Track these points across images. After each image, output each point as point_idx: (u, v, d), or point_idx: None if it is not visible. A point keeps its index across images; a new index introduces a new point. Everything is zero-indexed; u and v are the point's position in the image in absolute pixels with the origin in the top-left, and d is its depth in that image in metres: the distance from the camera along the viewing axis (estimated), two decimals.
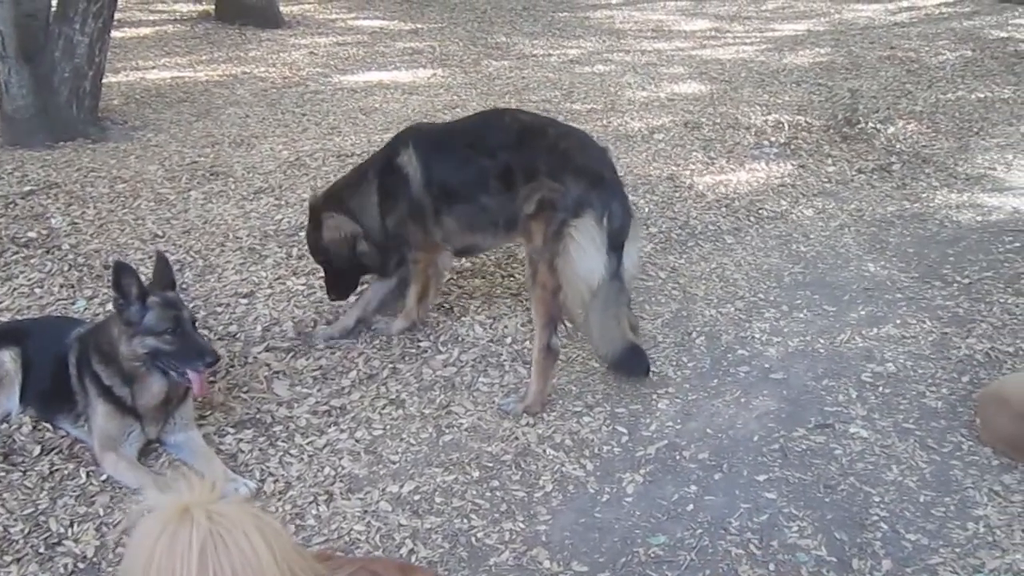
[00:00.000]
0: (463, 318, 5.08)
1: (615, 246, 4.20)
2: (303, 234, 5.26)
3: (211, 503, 1.80)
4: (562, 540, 3.55)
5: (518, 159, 4.37)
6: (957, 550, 3.43)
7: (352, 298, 5.02)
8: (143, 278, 3.79)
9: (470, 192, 4.51)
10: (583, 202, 4.14)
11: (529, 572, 3.38)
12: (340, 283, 4.92)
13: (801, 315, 5.26)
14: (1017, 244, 6.18)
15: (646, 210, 6.56)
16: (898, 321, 5.15)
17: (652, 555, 3.45)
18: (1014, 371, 4.59)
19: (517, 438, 4.15)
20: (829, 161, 7.79)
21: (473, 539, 3.53)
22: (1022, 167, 7.83)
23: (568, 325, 4.65)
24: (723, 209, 6.74)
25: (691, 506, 3.72)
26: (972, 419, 4.19)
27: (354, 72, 10.92)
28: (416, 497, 3.75)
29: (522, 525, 3.62)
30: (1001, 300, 5.37)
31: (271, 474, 3.87)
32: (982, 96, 9.82)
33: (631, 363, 4.48)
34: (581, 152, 4.38)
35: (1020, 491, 3.74)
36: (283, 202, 6.47)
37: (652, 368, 4.59)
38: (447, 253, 4.80)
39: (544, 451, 4.07)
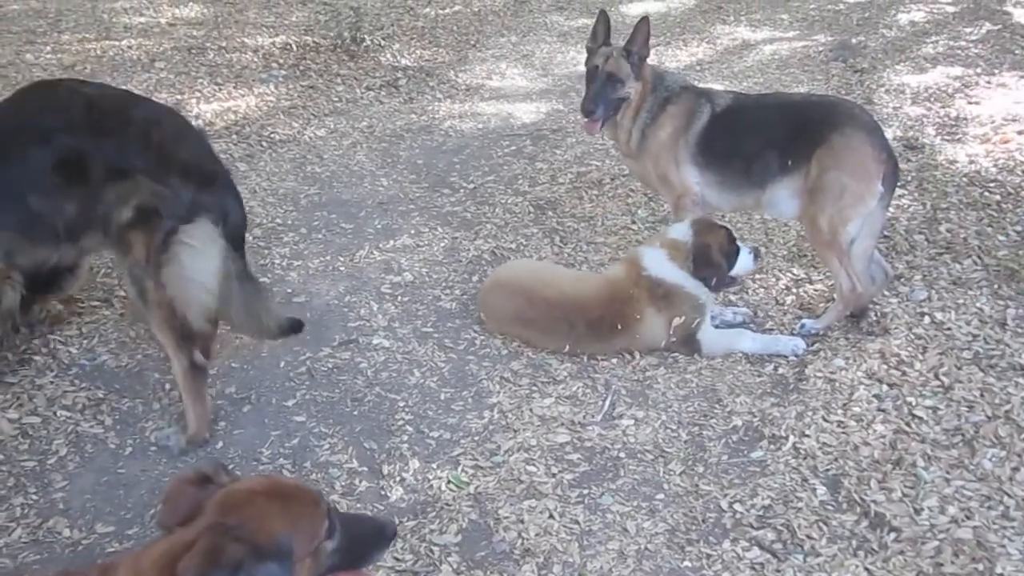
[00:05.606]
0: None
1: (236, 245, 3.66)
2: None
3: None
4: (83, 504, 3.33)
5: (92, 147, 3.44)
6: (476, 438, 3.67)
7: None
8: None
9: (15, 190, 3.45)
10: (196, 207, 3.46)
11: (47, 545, 3.14)
12: None
13: (320, 236, 5.27)
14: (513, 148, 6.65)
15: None
16: (412, 231, 5.34)
17: None
18: None
19: (22, 404, 3.80)
20: (338, 80, 7.84)
21: None
22: (514, 75, 8.44)
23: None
24: (234, 136, 6.54)
25: (221, 443, 3.63)
26: (479, 314, 4.47)
27: None
28: None
29: (35, 497, 3.35)
30: (503, 201, 5.76)
31: None
32: (477, 9, 10.40)
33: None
34: (182, 142, 3.61)
35: (526, 374, 4.07)
36: None
37: None
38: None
39: (55, 413, 3.76)
